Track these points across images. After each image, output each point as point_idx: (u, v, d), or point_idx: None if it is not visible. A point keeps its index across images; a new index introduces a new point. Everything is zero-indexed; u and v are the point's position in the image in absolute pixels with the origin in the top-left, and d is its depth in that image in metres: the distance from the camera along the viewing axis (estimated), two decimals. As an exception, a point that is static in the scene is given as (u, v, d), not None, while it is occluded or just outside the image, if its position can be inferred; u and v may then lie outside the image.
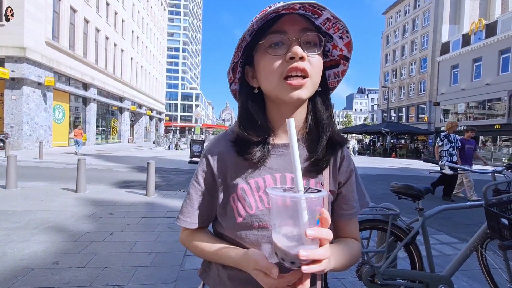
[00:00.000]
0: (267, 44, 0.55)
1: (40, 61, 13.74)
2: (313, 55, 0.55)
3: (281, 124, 0.62)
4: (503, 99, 22.33)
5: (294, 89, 0.54)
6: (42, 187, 5.55)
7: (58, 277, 2.22)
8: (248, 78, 0.62)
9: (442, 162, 1.86)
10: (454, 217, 4.73)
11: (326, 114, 0.62)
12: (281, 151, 0.62)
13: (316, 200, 0.42)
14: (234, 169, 0.61)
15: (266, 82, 0.57)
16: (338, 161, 0.65)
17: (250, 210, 0.58)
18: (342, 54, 0.62)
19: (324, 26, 0.57)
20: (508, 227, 1.48)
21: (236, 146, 0.61)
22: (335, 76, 0.67)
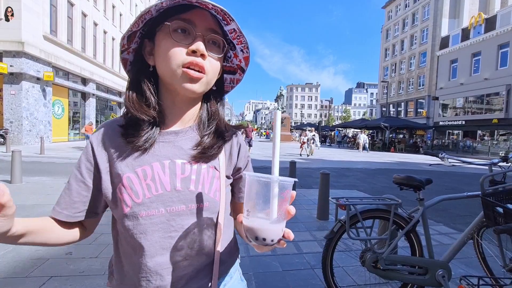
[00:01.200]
0: (172, 28, 0.54)
1: (39, 55, 13.65)
2: (213, 56, 0.57)
3: (172, 110, 0.62)
4: (501, 93, 22.44)
5: (191, 80, 0.55)
6: (47, 181, 5.62)
7: (73, 267, 2.32)
8: (145, 52, 0.60)
9: (442, 155, 1.95)
10: (452, 209, 4.86)
11: (218, 107, 0.66)
12: (169, 138, 0.61)
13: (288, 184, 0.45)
14: (119, 156, 0.58)
15: (163, 64, 0.56)
16: (236, 148, 0.69)
17: (137, 199, 0.56)
18: (240, 65, 0.67)
19: (230, 35, 0.60)
20: (502, 215, 1.57)
21: (123, 128, 0.59)
22: (231, 82, 0.71)
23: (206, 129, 0.64)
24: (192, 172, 0.60)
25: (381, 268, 1.78)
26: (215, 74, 0.60)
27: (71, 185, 0.60)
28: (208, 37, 0.56)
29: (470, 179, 8.77)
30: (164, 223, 0.57)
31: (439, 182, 7.91)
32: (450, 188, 7.29)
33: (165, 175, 0.58)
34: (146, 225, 0.56)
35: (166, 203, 0.57)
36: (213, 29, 0.57)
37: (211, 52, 0.57)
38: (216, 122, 0.65)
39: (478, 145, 23.17)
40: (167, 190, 0.58)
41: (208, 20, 0.57)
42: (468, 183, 8.00)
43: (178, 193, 0.58)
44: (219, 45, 0.59)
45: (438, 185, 7.49)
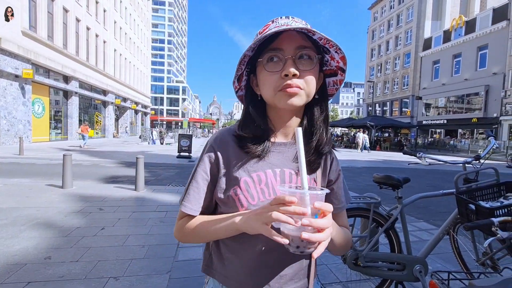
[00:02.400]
0: (264, 61, 0.62)
1: (17, 52, 13.07)
2: (306, 70, 0.61)
3: (280, 126, 0.69)
4: (480, 93, 23.42)
5: (289, 96, 0.61)
6: (26, 183, 5.41)
7: (52, 271, 2.25)
8: (253, 85, 0.69)
9: (420, 154, 2.02)
10: (432, 206, 5.04)
11: (320, 119, 0.68)
12: (280, 148, 0.69)
13: (319, 196, 0.49)
14: (238, 162, 0.66)
15: (264, 92, 0.64)
16: (329, 161, 0.73)
17: (252, 201, 0.63)
18: (338, 65, 0.69)
19: (320, 41, 0.63)
20: (475, 212, 1.65)
21: (240, 141, 0.67)
22: (334, 84, 0.74)
23: (308, 142, 0.68)
24: (298, 182, 0.66)
25: (362, 265, 1.83)
26: (312, 86, 0.63)
27: (199, 184, 0.67)
28: (297, 55, 0.60)
29: (450, 176, 9.11)
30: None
31: (420, 180, 8.19)
32: (430, 185, 7.56)
33: (276, 182, 0.66)
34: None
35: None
36: (301, 46, 0.61)
37: (302, 68, 0.61)
38: (318, 133, 0.68)
39: (458, 143, 24.10)
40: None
41: (295, 39, 0.61)
42: (447, 180, 8.32)
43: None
44: (311, 57, 0.62)
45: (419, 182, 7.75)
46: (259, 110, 0.68)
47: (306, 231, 0.48)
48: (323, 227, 0.49)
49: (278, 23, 0.62)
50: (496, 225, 1.24)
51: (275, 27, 0.60)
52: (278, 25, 0.61)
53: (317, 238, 0.48)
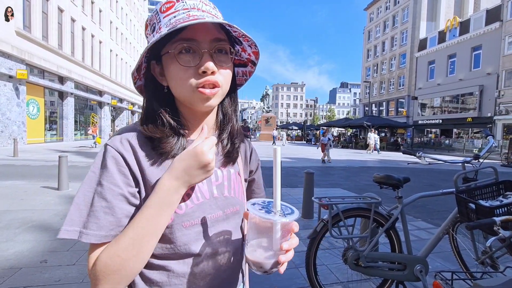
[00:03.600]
0: (177, 51, 0.53)
1: (11, 52, 12.89)
2: (224, 66, 0.56)
3: (194, 121, 0.61)
4: (475, 93, 23.69)
5: (207, 99, 0.55)
6: (20, 185, 5.33)
7: (48, 275, 2.21)
8: (156, 74, 0.59)
9: (419, 154, 2.02)
10: (430, 205, 5.07)
11: (231, 109, 0.66)
12: None
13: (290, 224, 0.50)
14: (153, 167, 0.55)
15: (177, 88, 0.56)
16: (248, 152, 0.73)
17: (179, 211, 0.55)
18: (250, 58, 0.66)
19: (234, 33, 0.59)
20: (475, 211, 1.65)
21: (150, 140, 0.56)
22: (243, 75, 0.70)
23: (223, 133, 0.65)
24: (224, 178, 0.63)
25: (363, 265, 1.82)
26: (229, 82, 0.59)
27: (110, 202, 0.50)
28: (214, 48, 0.54)
29: (449, 175, 9.19)
30: (205, 231, 0.59)
31: (418, 179, 8.24)
32: (428, 184, 7.61)
33: (203, 184, 0.59)
34: (190, 235, 0.56)
35: (206, 211, 0.59)
36: (217, 38, 0.55)
37: (220, 63, 0.55)
38: (230, 125, 0.66)
39: (454, 143, 24.34)
40: (206, 198, 0.59)
41: (211, 29, 0.55)
42: (445, 180, 8.39)
43: (216, 199, 0.61)
44: (227, 51, 0.57)
45: (418, 182, 7.80)
46: (167, 104, 0.58)
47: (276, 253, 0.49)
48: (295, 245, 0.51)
49: (186, 3, 0.55)
50: (498, 225, 1.24)
51: (184, 9, 0.53)
52: (187, 6, 0.54)
53: (290, 257, 0.49)
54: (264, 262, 0.48)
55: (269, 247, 0.49)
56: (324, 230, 1.87)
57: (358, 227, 2.37)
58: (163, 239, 0.54)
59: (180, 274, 0.56)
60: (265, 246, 0.49)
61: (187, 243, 0.56)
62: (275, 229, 0.48)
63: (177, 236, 0.55)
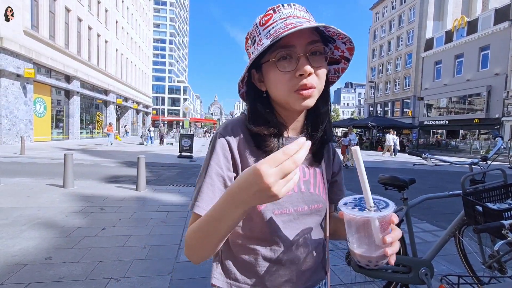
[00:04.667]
0: (276, 59, 0.58)
1: (19, 51, 13.09)
2: (319, 67, 0.58)
3: (290, 122, 0.67)
4: (482, 94, 23.31)
5: (304, 99, 0.58)
6: (27, 183, 5.40)
7: (52, 272, 2.23)
8: (255, 81, 0.65)
9: (425, 155, 1.99)
10: (435, 207, 5.00)
11: (324, 109, 0.67)
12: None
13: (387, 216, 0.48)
14: (252, 156, 0.63)
15: (276, 92, 0.61)
16: (331, 153, 0.76)
17: None
18: (343, 55, 0.66)
19: (328, 33, 0.60)
20: (482, 214, 1.61)
21: (254, 138, 0.63)
22: (335, 72, 0.71)
23: (315, 133, 0.67)
24: (311, 176, 0.68)
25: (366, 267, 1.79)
26: (323, 81, 0.61)
27: (213, 181, 0.60)
28: (309, 51, 0.57)
29: (453, 177, 9.06)
30: (292, 222, 0.64)
31: (423, 181, 8.14)
32: (434, 186, 7.51)
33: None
34: (278, 222, 0.62)
35: (294, 203, 0.64)
36: (312, 41, 0.58)
37: (315, 64, 0.58)
38: (322, 128, 0.67)
39: (460, 144, 24.00)
40: (295, 192, 0.64)
41: (305, 34, 0.57)
42: (451, 181, 8.27)
43: (303, 194, 0.66)
44: (321, 51, 0.59)
45: (423, 183, 7.70)
46: (267, 107, 0.65)
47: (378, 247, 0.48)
48: (399, 237, 0.49)
49: (282, 13, 0.59)
50: (507, 228, 1.21)
51: (281, 19, 0.58)
52: (284, 16, 0.58)
53: (396, 249, 0.48)
54: (372, 256, 0.49)
55: (372, 242, 0.49)
56: (328, 231, 1.85)
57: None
58: (255, 223, 0.62)
59: (267, 258, 0.63)
60: (367, 241, 0.49)
61: (276, 229, 0.62)
62: (374, 225, 0.47)
63: (267, 222, 0.62)
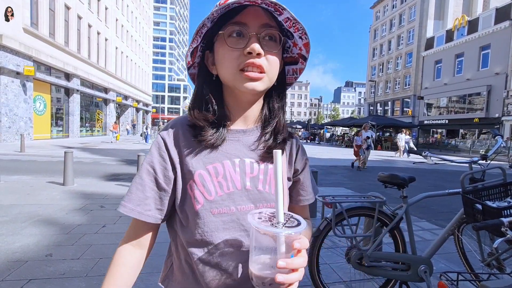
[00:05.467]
0: (226, 35, 0.55)
1: (18, 49, 13.05)
2: (271, 52, 0.56)
3: (238, 112, 0.63)
4: (482, 93, 23.31)
5: (251, 80, 0.55)
6: (27, 180, 5.40)
7: (53, 269, 2.23)
8: (208, 63, 0.62)
9: (425, 153, 1.99)
10: (435, 206, 5.01)
11: (278, 107, 0.65)
12: (238, 136, 0.62)
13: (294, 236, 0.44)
14: (191, 154, 0.59)
15: (223, 71, 0.58)
16: (294, 150, 0.69)
17: (209, 197, 0.57)
18: (300, 53, 0.64)
19: (286, 24, 0.58)
20: (481, 212, 1.62)
21: (193, 129, 0.60)
22: (293, 73, 0.69)
23: (267, 127, 0.64)
24: (260, 172, 0.61)
25: (366, 265, 1.80)
26: (275, 70, 0.58)
27: (144, 180, 0.58)
28: (262, 34, 0.55)
29: (453, 176, 9.08)
30: (234, 222, 0.58)
31: (423, 179, 8.16)
32: (433, 185, 7.53)
33: (235, 174, 0.59)
34: (217, 223, 0.57)
35: (236, 202, 0.58)
36: (266, 24, 0.56)
37: (267, 49, 0.56)
38: (276, 121, 0.64)
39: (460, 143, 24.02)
40: (238, 189, 0.59)
41: (260, 16, 0.56)
42: (450, 180, 8.29)
43: (248, 192, 0.59)
44: (275, 39, 0.57)
45: (422, 182, 7.72)
46: (214, 92, 0.61)
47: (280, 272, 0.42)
48: (300, 267, 0.43)
49: None
50: (506, 226, 1.21)
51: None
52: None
53: (292, 279, 0.43)
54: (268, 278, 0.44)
55: (273, 263, 0.44)
56: (328, 228, 1.86)
57: (361, 227, 2.35)
58: (191, 225, 0.58)
59: (205, 261, 0.58)
60: (269, 261, 0.45)
61: (214, 230, 0.57)
62: (279, 242, 0.43)
63: (204, 222, 0.57)
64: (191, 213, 0.57)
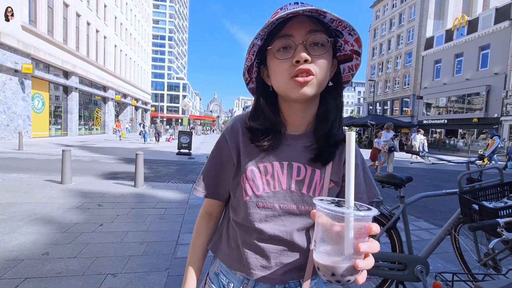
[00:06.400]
0: (275, 49, 0.59)
1: (16, 46, 12.99)
2: (318, 55, 0.58)
3: (292, 118, 0.67)
4: (481, 94, 23.34)
5: (300, 86, 0.58)
6: (25, 178, 5.39)
7: (49, 267, 2.23)
8: (264, 76, 0.67)
9: (423, 153, 1.99)
10: (433, 205, 5.02)
11: (333, 108, 0.65)
12: (290, 141, 0.67)
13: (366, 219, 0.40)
14: (247, 151, 0.67)
15: (276, 82, 0.62)
16: (344, 154, 0.68)
17: (257, 191, 0.64)
18: (353, 49, 0.65)
19: (332, 24, 0.59)
20: (478, 212, 1.62)
21: (250, 132, 0.67)
22: (349, 70, 0.69)
23: (319, 131, 0.66)
24: (306, 176, 0.65)
25: (362, 264, 1.80)
26: (325, 73, 0.60)
27: (209, 169, 0.72)
28: (309, 40, 0.58)
29: (451, 176, 9.10)
30: (276, 217, 0.64)
31: (421, 179, 8.17)
32: (431, 185, 7.54)
33: (283, 175, 0.65)
34: (261, 215, 0.64)
35: (280, 200, 0.64)
36: (312, 30, 0.58)
37: (314, 53, 0.58)
38: (329, 124, 0.65)
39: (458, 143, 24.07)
40: (283, 189, 0.65)
41: (305, 23, 0.58)
42: (448, 180, 8.30)
43: (292, 193, 0.65)
44: (323, 41, 0.59)
45: (420, 182, 7.73)
46: (270, 102, 0.67)
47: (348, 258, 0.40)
48: (377, 251, 0.42)
49: (287, 9, 0.59)
50: (502, 226, 1.22)
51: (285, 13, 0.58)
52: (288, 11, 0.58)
53: (370, 265, 0.42)
54: (337, 267, 0.41)
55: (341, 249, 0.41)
56: (324, 228, 1.85)
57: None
58: (240, 211, 0.67)
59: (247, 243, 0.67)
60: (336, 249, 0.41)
61: (257, 221, 0.64)
62: (348, 226, 0.39)
63: (250, 213, 0.65)
64: (241, 202, 0.66)
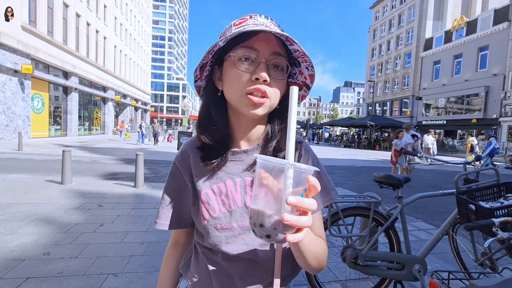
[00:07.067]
0: (237, 57, 0.58)
1: (16, 47, 13.00)
2: (277, 79, 0.59)
3: (240, 132, 0.66)
4: (480, 94, 23.42)
5: (254, 106, 0.58)
6: (25, 179, 5.39)
7: (50, 267, 2.24)
8: (215, 78, 0.65)
9: (420, 154, 2.02)
10: (431, 206, 5.05)
11: (279, 127, 0.66)
12: (240, 157, 0.66)
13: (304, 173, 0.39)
14: (199, 174, 0.66)
15: (230, 91, 0.61)
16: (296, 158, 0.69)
17: (213, 214, 0.63)
18: (305, 82, 0.67)
19: (295, 53, 0.61)
20: (475, 212, 1.65)
21: (201, 151, 0.66)
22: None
23: (267, 147, 0.66)
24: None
25: (361, 264, 1.83)
26: (278, 96, 0.61)
27: (165, 200, 0.70)
28: (271, 61, 0.58)
29: (449, 176, 9.14)
30: (236, 237, 0.63)
31: (419, 180, 8.20)
32: (430, 185, 7.57)
33: (237, 192, 0.64)
34: (221, 237, 0.63)
35: (238, 219, 0.63)
36: (276, 52, 0.58)
37: (274, 76, 0.58)
38: (275, 141, 0.66)
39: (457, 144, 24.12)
40: (238, 207, 0.64)
41: (272, 43, 0.58)
42: (446, 181, 8.34)
43: (248, 209, 0.63)
44: (283, 68, 0.60)
45: (418, 182, 7.76)
46: (219, 108, 0.65)
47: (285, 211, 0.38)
48: (310, 208, 0.39)
49: (257, 20, 0.60)
50: (497, 226, 1.24)
51: (254, 24, 0.58)
52: (257, 23, 0.59)
53: (301, 222, 0.39)
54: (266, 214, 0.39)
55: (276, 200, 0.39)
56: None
57: (357, 226, 2.38)
58: (202, 235, 0.67)
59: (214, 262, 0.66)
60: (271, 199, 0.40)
61: (218, 243, 0.63)
62: (286, 176, 0.38)
63: (210, 236, 0.64)
64: (200, 227, 0.66)
